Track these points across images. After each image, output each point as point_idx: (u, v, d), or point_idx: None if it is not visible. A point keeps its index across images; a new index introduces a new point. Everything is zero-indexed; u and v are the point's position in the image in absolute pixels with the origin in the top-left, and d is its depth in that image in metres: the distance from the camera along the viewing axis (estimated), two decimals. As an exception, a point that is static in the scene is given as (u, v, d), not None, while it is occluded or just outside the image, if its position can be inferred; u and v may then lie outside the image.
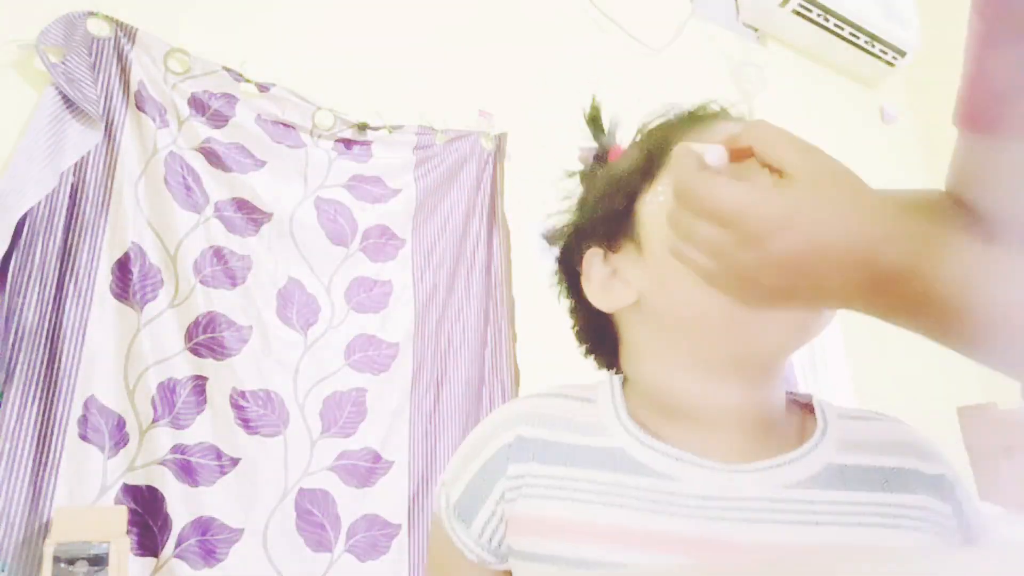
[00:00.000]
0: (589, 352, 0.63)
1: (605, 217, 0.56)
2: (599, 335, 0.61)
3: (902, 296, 0.42)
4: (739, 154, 0.45)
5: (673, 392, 0.54)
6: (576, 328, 0.63)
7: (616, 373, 0.60)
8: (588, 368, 0.64)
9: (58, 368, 1.21)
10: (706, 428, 0.53)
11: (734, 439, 0.52)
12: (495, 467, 0.54)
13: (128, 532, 1.20)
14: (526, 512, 0.53)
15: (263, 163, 1.53)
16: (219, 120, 1.49)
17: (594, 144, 0.62)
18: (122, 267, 1.31)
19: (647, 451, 0.52)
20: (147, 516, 1.25)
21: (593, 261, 0.57)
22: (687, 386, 0.53)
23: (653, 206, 0.53)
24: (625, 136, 0.61)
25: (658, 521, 0.49)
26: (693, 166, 0.45)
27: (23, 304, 1.21)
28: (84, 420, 1.22)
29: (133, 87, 1.39)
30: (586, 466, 0.52)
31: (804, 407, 0.58)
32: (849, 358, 2.54)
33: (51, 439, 1.19)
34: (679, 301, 0.52)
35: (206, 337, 1.36)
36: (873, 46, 2.88)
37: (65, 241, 1.27)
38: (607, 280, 0.56)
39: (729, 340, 0.51)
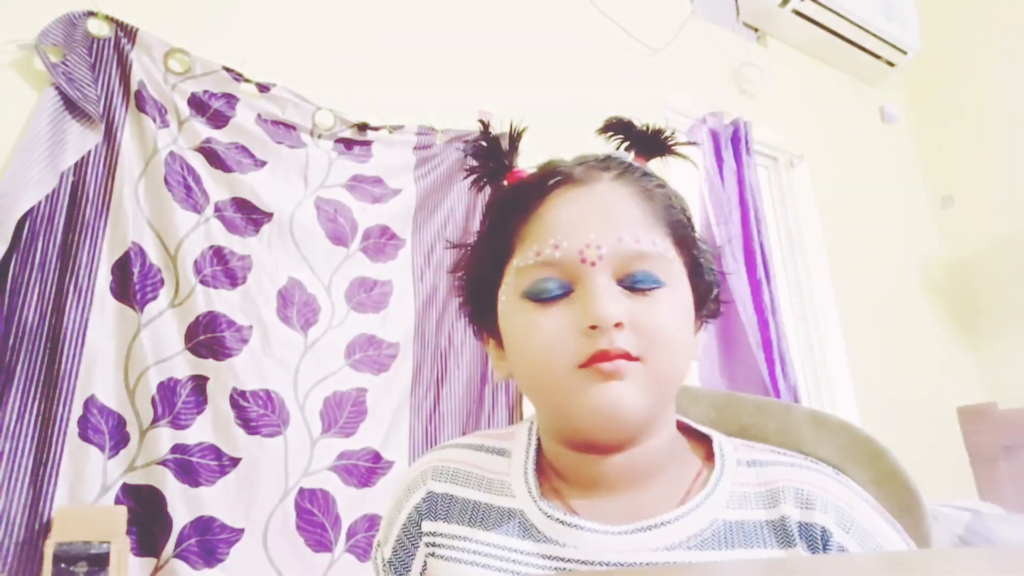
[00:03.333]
0: None
1: (475, 313, 0.58)
2: None
3: None
4: None
5: (556, 456, 0.55)
6: None
7: None
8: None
9: (58, 368, 1.21)
10: (592, 487, 0.53)
11: (620, 497, 0.52)
12: (413, 526, 0.57)
13: (128, 532, 1.20)
14: (437, 572, 0.55)
15: (263, 163, 1.52)
16: (219, 120, 1.49)
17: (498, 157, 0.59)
18: (122, 267, 1.31)
19: (541, 516, 0.53)
20: (147, 516, 1.25)
21: (486, 339, 0.59)
22: (557, 452, 0.55)
23: (503, 304, 0.54)
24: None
25: None
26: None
27: (23, 304, 1.21)
28: (84, 420, 1.22)
29: (133, 87, 1.39)
30: (487, 527, 0.54)
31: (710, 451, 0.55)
32: (850, 359, 2.54)
33: (51, 439, 1.19)
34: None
35: (206, 337, 1.36)
36: (873, 46, 2.88)
37: (65, 241, 1.27)
38: (493, 354, 0.58)
39: (556, 420, 0.54)
